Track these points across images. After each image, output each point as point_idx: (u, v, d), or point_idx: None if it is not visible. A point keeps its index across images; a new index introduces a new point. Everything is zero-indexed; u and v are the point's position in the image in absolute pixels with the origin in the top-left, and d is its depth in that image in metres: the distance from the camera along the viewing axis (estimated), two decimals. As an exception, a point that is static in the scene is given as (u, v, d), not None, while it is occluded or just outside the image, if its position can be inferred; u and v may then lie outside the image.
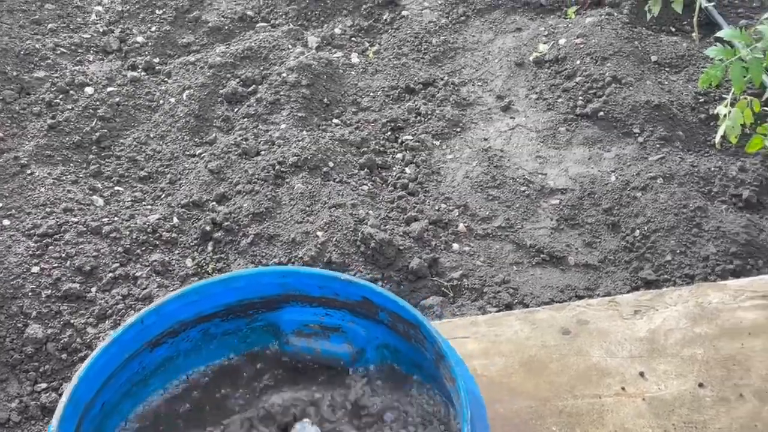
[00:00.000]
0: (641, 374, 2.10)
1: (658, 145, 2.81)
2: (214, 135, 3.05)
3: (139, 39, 3.52)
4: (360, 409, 1.23)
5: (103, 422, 1.21)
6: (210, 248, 2.65)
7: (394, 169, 2.87)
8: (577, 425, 2.00)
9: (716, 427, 1.98)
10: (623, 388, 2.07)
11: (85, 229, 2.68)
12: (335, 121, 3.07)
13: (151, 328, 1.24)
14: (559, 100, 3.05)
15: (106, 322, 2.45)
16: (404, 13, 3.55)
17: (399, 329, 1.23)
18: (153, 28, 3.56)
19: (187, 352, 1.31)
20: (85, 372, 1.12)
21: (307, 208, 2.66)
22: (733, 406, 2.02)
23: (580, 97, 3.02)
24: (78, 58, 3.41)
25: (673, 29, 3.33)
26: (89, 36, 3.53)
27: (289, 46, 3.37)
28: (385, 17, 3.54)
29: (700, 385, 2.07)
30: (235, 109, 3.16)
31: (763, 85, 2.84)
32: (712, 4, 3.30)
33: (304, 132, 2.97)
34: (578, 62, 3.12)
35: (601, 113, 2.94)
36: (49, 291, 2.49)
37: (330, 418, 1.20)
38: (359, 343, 1.31)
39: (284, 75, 3.18)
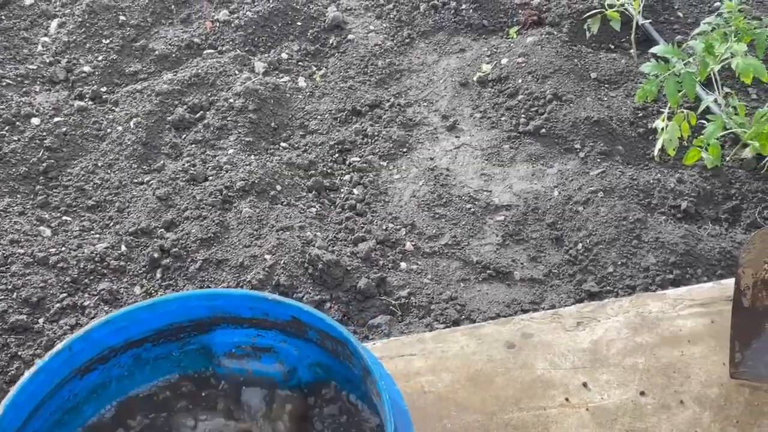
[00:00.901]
0: (584, 385, 2.14)
1: (598, 160, 2.88)
2: (162, 162, 3.06)
3: (86, 68, 3.51)
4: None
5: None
6: (159, 275, 2.65)
7: (341, 190, 2.90)
8: (522, 437, 2.04)
9: (658, 434, 2.02)
10: (567, 399, 2.11)
11: (31, 260, 2.67)
12: (283, 144, 3.10)
13: (79, 355, 1.24)
14: (503, 118, 3.10)
15: (54, 352, 2.44)
16: (350, 36, 3.59)
17: (328, 347, 1.26)
18: (100, 58, 3.56)
19: (120, 377, 1.32)
20: (11, 400, 1.12)
21: (255, 232, 2.67)
22: (674, 412, 2.07)
23: (523, 115, 3.08)
24: (24, 89, 3.40)
25: (612, 47, 3.42)
26: (35, 67, 3.52)
27: (236, 72, 3.39)
28: (331, 41, 3.58)
29: (642, 393, 2.12)
30: (183, 136, 3.16)
31: (698, 98, 2.92)
32: (649, 21, 3.39)
33: (252, 156, 2.99)
34: (520, 81, 3.19)
35: (543, 130, 3.00)
36: (-4, 323, 2.47)
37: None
38: (291, 362, 1.33)
39: (231, 100, 3.20)
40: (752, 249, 2.08)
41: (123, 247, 2.74)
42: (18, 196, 2.95)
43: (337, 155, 3.04)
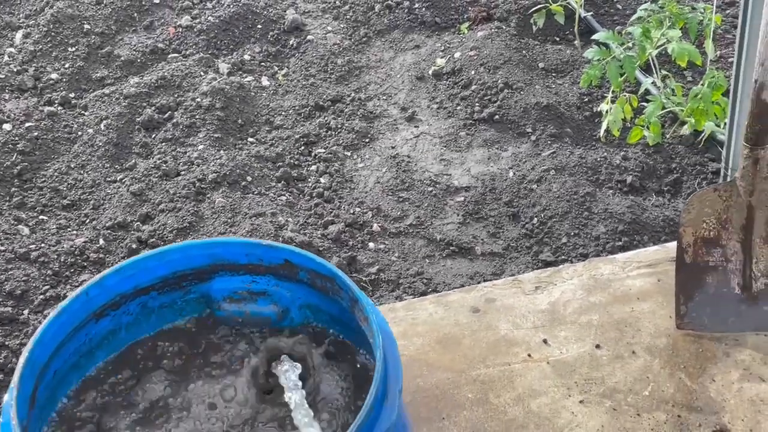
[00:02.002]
0: (544, 341, 2.32)
1: (549, 142, 3.07)
2: (133, 161, 3.18)
3: (54, 76, 3.62)
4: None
5: (54, 391, 1.33)
6: (138, 265, 2.77)
7: (309, 180, 3.05)
8: (490, 390, 2.20)
9: (613, 381, 2.20)
10: (529, 355, 2.29)
11: (13, 255, 2.77)
12: (250, 139, 3.24)
13: (95, 300, 1.37)
14: (458, 107, 3.28)
15: (41, 341, 2.54)
16: (309, 37, 3.75)
17: (318, 285, 1.40)
18: (67, 65, 3.67)
19: (128, 325, 1.45)
20: (39, 337, 1.25)
21: (229, 220, 2.81)
22: (627, 362, 2.25)
23: (477, 104, 3.26)
24: (-7, 97, 3.49)
25: (557, 39, 3.63)
26: (3, 76, 3.61)
27: (202, 74, 3.53)
28: (291, 42, 3.74)
29: (597, 346, 2.30)
30: (153, 135, 3.29)
31: (638, 82, 3.14)
32: (590, 13, 3.61)
33: (222, 151, 3.13)
34: (473, 72, 3.37)
35: (497, 117, 3.19)
36: (-18, 317, 2.57)
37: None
38: (284, 303, 1.47)
39: (198, 100, 3.33)
40: (691, 210, 2.27)
41: (101, 241, 2.85)
42: (-6, 198, 3.04)
43: (302, 148, 3.19)
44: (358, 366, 1.39)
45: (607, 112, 3.03)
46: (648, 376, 2.21)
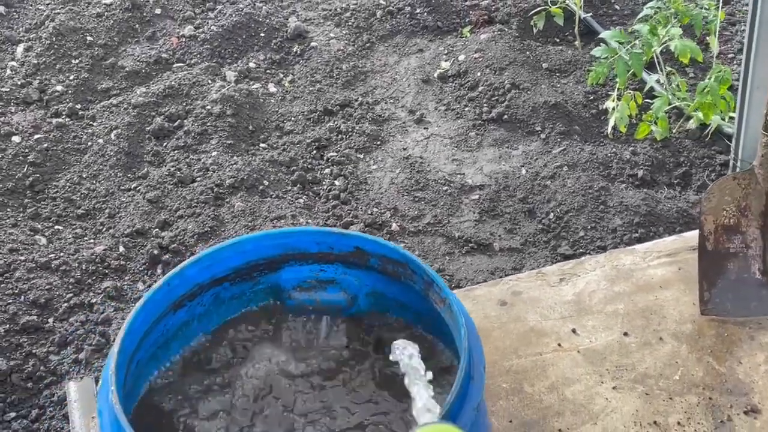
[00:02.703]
0: (573, 331, 2.36)
1: (559, 139, 3.13)
2: (146, 169, 3.19)
3: (59, 88, 3.62)
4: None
5: (136, 381, 1.35)
6: (160, 271, 2.79)
7: (324, 183, 3.08)
8: (524, 380, 2.24)
9: (644, 367, 2.25)
10: (559, 345, 2.33)
11: (34, 265, 2.77)
12: (262, 145, 3.27)
13: (175, 290, 1.39)
14: (466, 108, 3.33)
15: (68, 348, 2.55)
16: (313, 44, 3.79)
17: (389, 270, 1.43)
18: (71, 77, 3.67)
19: (200, 316, 1.47)
20: (129, 326, 1.27)
21: (250, 223, 2.83)
22: (655, 348, 2.30)
23: (485, 104, 3.31)
24: (-1, 110, 3.49)
25: (558, 40, 3.69)
26: (8, 89, 3.61)
27: (209, 82, 3.55)
28: (295, 50, 3.77)
29: (625, 334, 2.34)
30: (164, 144, 3.31)
31: (642, 81, 3.20)
32: (590, 14, 3.69)
33: (236, 157, 3.15)
34: (479, 74, 3.43)
35: (506, 116, 3.25)
36: (7, 326, 2.57)
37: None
38: (352, 290, 1.50)
39: (209, 107, 3.35)
40: (712, 198, 2.34)
41: (121, 248, 2.86)
42: (8, 209, 3.04)
43: (315, 152, 3.23)
44: (433, 351, 1.42)
45: (613, 109, 3.09)
46: (677, 361, 2.26)
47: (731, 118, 2.92)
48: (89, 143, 3.33)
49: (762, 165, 2.29)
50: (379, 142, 3.26)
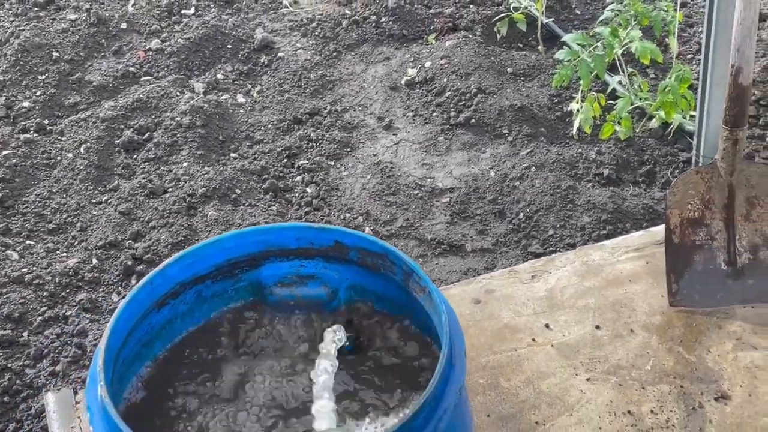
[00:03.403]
0: (546, 326, 2.41)
1: (525, 141, 3.19)
2: (117, 182, 3.20)
3: (26, 104, 3.62)
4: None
5: (121, 379, 1.36)
6: (134, 281, 2.79)
7: (296, 190, 3.11)
8: (500, 375, 2.28)
9: (616, 359, 2.30)
10: (534, 340, 2.37)
11: (6, 280, 2.76)
12: (233, 155, 3.28)
13: (158, 289, 1.41)
14: (434, 114, 3.38)
15: (44, 361, 2.54)
16: (280, 54, 3.82)
17: (368, 263, 1.46)
18: (38, 93, 3.67)
19: (183, 315, 1.48)
20: (114, 324, 1.28)
21: (223, 232, 2.85)
22: (627, 340, 2.35)
23: (452, 109, 3.37)
24: (-35, 127, 3.47)
25: (521, 45, 3.76)
26: (-27, 106, 3.59)
27: (178, 94, 3.56)
28: (262, 60, 3.80)
29: (597, 327, 2.39)
30: (134, 156, 3.31)
31: (604, 83, 3.28)
32: (551, 20, 3.76)
33: (207, 167, 3.16)
34: (445, 80, 3.48)
35: (473, 121, 3.30)
36: (-19, 341, 2.55)
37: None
38: (333, 284, 1.53)
39: (178, 119, 3.37)
40: (676, 192, 2.40)
41: (94, 260, 2.86)
42: (-22, 226, 3.03)
43: (285, 160, 3.25)
44: (411, 339, 1.46)
45: (577, 110, 3.16)
46: (648, 351, 2.32)
47: (692, 116, 2.99)
48: (58, 158, 3.33)
49: (723, 158, 2.36)
50: (349, 149, 3.30)
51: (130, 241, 2.92)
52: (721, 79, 2.47)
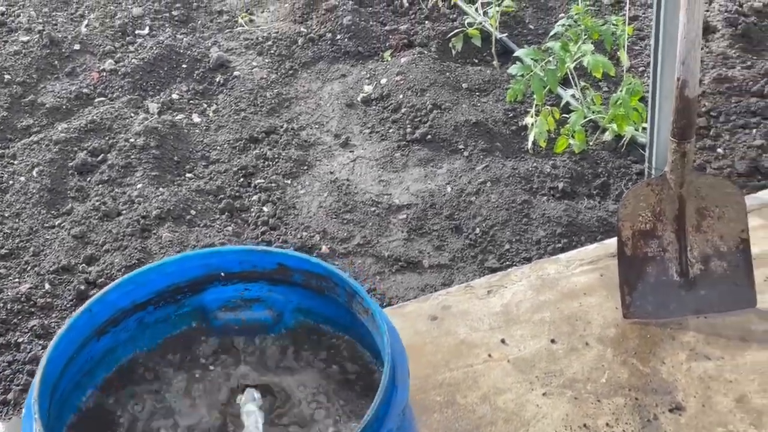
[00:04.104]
0: (502, 341, 2.41)
1: (481, 156, 3.20)
2: (70, 205, 3.15)
3: (-23, 127, 3.56)
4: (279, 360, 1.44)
5: (60, 410, 1.34)
6: (88, 306, 2.74)
7: (252, 209, 3.09)
8: (456, 392, 2.28)
9: (572, 372, 2.31)
10: (490, 355, 2.38)
11: (-44, 307, 2.71)
12: (188, 175, 3.26)
13: (98, 316, 1.38)
14: (390, 130, 3.39)
15: (-5, 389, 2.50)
16: (236, 73, 3.80)
17: (313, 285, 1.45)
18: (-11, 116, 3.61)
19: (125, 342, 1.46)
20: (50, 354, 1.26)
21: (178, 253, 2.81)
22: (582, 353, 2.37)
23: (408, 125, 3.37)
24: None
25: (476, 60, 3.78)
26: None
27: (132, 115, 3.53)
28: (218, 79, 3.78)
29: (552, 341, 2.40)
30: (88, 179, 3.27)
31: (558, 96, 3.30)
32: (505, 35, 3.79)
33: (161, 188, 3.14)
34: (401, 96, 3.49)
35: (429, 136, 3.31)
36: (-70, 370, 2.50)
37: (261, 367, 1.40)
38: (278, 307, 1.51)
39: (132, 140, 3.34)
40: (628, 205, 2.42)
41: (47, 285, 2.82)
42: (-73, 253, 2.97)
43: (242, 179, 3.23)
44: (357, 361, 1.45)
45: (532, 125, 3.18)
46: (603, 364, 2.33)
47: (644, 128, 3.02)
48: (11, 182, 3.28)
49: (673, 170, 2.39)
50: (306, 167, 3.29)
51: (83, 265, 2.88)
52: (670, 92, 2.49)
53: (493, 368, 2.34)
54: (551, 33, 3.24)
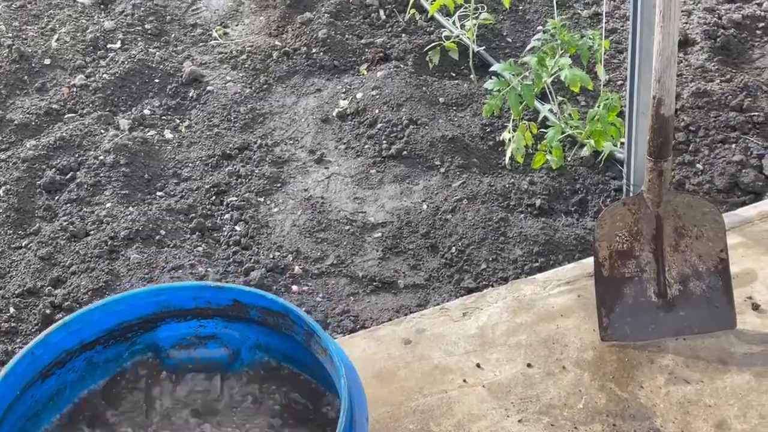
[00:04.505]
0: (478, 365, 2.35)
1: (458, 173, 3.15)
2: (38, 225, 3.08)
3: (-57, 144, 3.48)
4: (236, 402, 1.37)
5: (3, 459, 1.27)
6: (53, 331, 2.67)
7: (224, 228, 3.02)
8: (430, 419, 2.22)
9: (548, 398, 2.26)
10: (465, 381, 2.32)
11: None
12: (159, 193, 3.19)
13: (41, 359, 1.31)
14: (366, 146, 3.33)
15: (-45, 420, 2.41)
16: (209, 88, 3.74)
17: (270, 322, 1.39)
18: (-44, 133, 3.53)
19: (74, 383, 1.39)
20: (-15, 403, 1.19)
21: (147, 275, 2.75)
22: (559, 378, 2.31)
23: (384, 141, 3.31)
24: None
25: (453, 74, 3.73)
26: None
27: (102, 131, 3.46)
28: (191, 94, 3.71)
29: (529, 365, 2.35)
30: (56, 197, 3.20)
31: (535, 110, 3.25)
32: (483, 48, 3.74)
33: (131, 207, 3.06)
34: (377, 111, 3.43)
35: (405, 152, 3.25)
36: None
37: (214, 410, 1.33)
38: (234, 345, 1.45)
39: (102, 158, 3.26)
40: (604, 225, 2.37)
41: (11, 309, 2.74)
42: None
43: (214, 197, 3.16)
44: (317, 401, 1.39)
45: (509, 140, 3.13)
46: (580, 389, 2.27)
47: (623, 143, 2.98)
48: (-24, 201, 3.20)
49: (650, 189, 2.34)
50: (279, 185, 3.22)
51: (49, 287, 2.81)
52: (647, 108, 2.45)
53: (467, 394, 2.28)
54: (528, 47, 3.19)
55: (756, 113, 3.25)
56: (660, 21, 2.14)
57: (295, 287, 2.77)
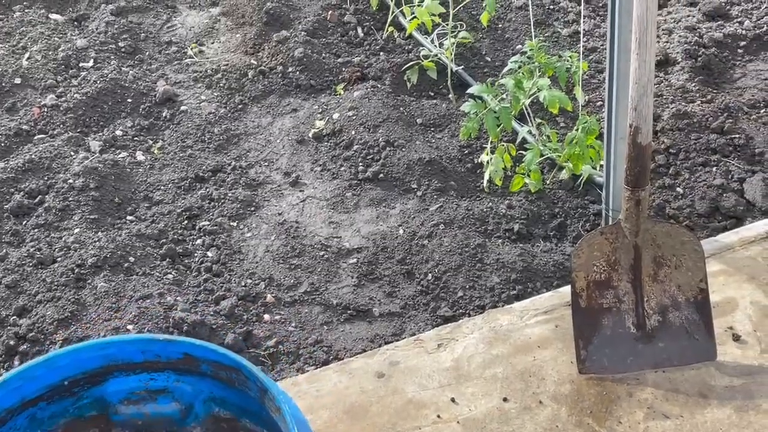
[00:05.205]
0: (452, 400, 2.29)
1: (435, 196, 3.09)
2: (4, 251, 3.00)
3: None
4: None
5: None
6: (17, 362, 2.59)
7: (195, 254, 2.95)
8: (403, 458, 2.15)
9: (524, 434, 2.19)
10: (439, 416, 2.25)
11: None
12: (129, 218, 3.11)
13: (-22, 421, 1.25)
14: (342, 168, 3.26)
15: None
16: (183, 108, 3.67)
17: (222, 377, 1.33)
18: None
19: (17, 442, 1.33)
20: None
21: (114, 305, 2.67)
22: (535, 412, 2.25)
23: (360, 163, 3.25)
24: None
25: (432, 94, 3.67)
26: None
27: (72, 153, 3.38)
28: (164, 114, 3.64)
29: (505, 399, 2.29)
30: (24, 222, 3.12)
31: (514, 131, 3.20)
32: (462, 67, 3.68)
33: (100, 233, 2.99)
34: (353, 132, 3.37)
35: (381, 175, 3.19)
36: None
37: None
38: (187, 399, 1.38)
39: (71, 181, 3.19)
40: (581, 254, 2.32)
41: (-26, 340, 2.66)
42: None
43: (186, 222, 3.09)
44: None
45: (487, 162, 3.07)
46: (557, 425, 2.21)
47: (602, 166, 2.93)
48: (-58, 226, 3.11)
49: (627, 218, 2.29)
50: (253, 208, 3.16)
51: (14, 317, 2.72)
52: (625, 133, 2.40)
53: (442, 430, 2.22)
54: (505, 69, 3.14)
55: (737, 135, 3.21)
56: (636, 48, 2.09)
57: (267, 316, 2.70)
